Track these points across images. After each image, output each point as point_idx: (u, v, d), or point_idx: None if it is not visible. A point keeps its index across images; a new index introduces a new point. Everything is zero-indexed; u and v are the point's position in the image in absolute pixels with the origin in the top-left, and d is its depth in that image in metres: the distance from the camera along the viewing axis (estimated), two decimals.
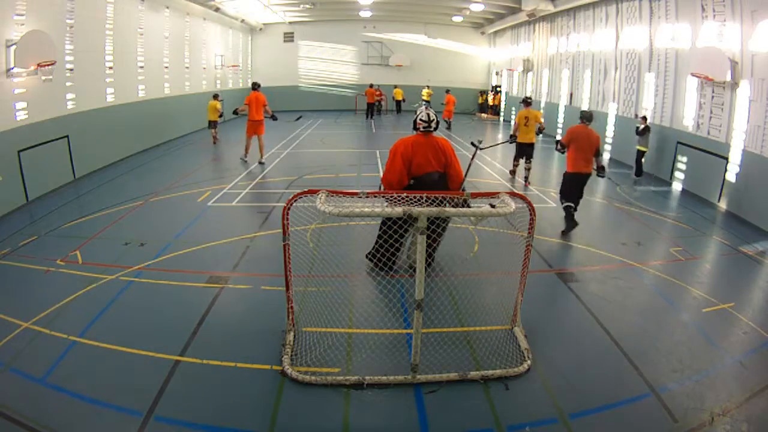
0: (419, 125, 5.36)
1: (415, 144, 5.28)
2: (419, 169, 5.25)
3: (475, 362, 3.99)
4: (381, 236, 5.14)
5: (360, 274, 5.56)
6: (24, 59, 7.92)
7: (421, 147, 5.27)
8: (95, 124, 10.54)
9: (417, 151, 5.25)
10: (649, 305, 5.14)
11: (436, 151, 5.32)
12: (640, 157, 10.95)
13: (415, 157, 5.24)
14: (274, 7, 20.14)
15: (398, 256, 5.37)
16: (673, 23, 10.61)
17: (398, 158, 5.23)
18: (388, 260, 5.12)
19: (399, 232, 4.67)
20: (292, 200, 3.89)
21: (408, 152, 5.24)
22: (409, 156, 5.24)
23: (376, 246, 5.35)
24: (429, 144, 5.31)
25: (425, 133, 5.35)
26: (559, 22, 17.10)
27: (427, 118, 5.34)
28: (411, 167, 5.25)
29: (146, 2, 13.13)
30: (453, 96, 18.86)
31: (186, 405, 3.46)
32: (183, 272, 5.56)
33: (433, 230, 5.15)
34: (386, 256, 5.07)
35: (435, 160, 5.29)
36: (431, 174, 5.27)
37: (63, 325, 4.40)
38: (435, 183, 5.24)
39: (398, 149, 5.28)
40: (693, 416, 3.44)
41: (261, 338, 4.25)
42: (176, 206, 8.20)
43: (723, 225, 8.03)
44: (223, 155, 13.04)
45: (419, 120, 5.36)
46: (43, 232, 6.80)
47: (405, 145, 5.29)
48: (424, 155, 5.25)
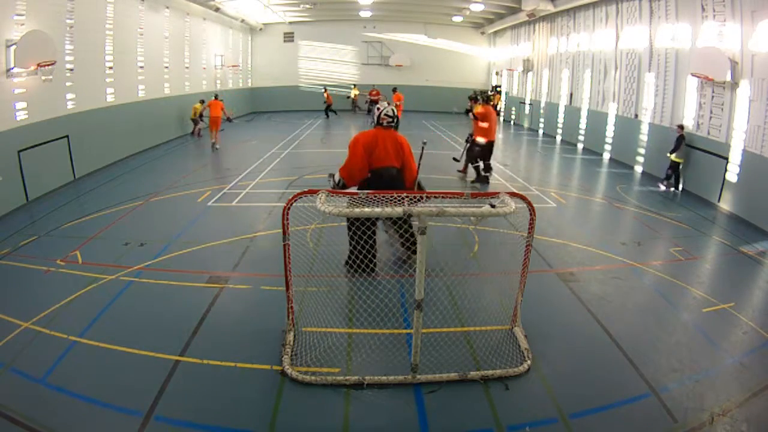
0: (383, 120, 5.43)
1: (377, 136, 5.35)
2: (379, 161, 5.29)
3: (475, 362, 3.99)
4: (352, 240, 5.13)
5: (360, 274, 5.56)
6: (24, 59, 7.92)
7: (382, 140, 5.33)
8: (95, 124, 10.54)
9: (378, 143, 5.31)
10: (649, 305, 5.15)
11: (396, 147, 5.39)
12: (677, 170, 9.97)
13: (376, 149, 5.28)
14: (274, 7, 20.14)
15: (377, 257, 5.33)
16: (673, 23, 10.62)
17: (359, 148, 5.24)
18: (368, 262, 5.11)
19: (367, 233, 4.75)
20: (292, 200, 3.89)
21: (370, 143, 5.28)
22: (370, 147, 5.27)
23: (350, 251, 5.29)
24: (390, 138, 5.39)
25: (387, 128, 5.41)
26: (559, 22, 17.10)
27: (392, 113, 5.45)
28: (371, 159, 5.28)
29: (146, 2, 13.13)
30: (401, 93, 18.68)
31: (186, 405, 3.46)
32: (183, 272, 5.55)
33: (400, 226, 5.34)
34: (363, 258, 5.05)
35: (394, 154, 5.37)
36: (389, 168, 5.31)
37: (63, 325, 4.40)
38: (393, 178, 5.28)
39: (359, 140, 5.31)
40: (693, 416, 3.44)
41: (261, 338, 4.25)
42: (176, 206, 8.20)
43: (723, 225, 8.04)
44: (223, 155, 13.03)
45: (384, 115, 5.43)
46: (43, 232, 6.80)
47: (366, 137, 5.34)
48: (384, 148, 5.31)
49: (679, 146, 9.73)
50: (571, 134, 16.26)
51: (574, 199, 9.36)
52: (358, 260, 5.09)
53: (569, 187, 10.39)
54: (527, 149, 15.99)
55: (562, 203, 8.91)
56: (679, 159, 9.85)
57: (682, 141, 9.73)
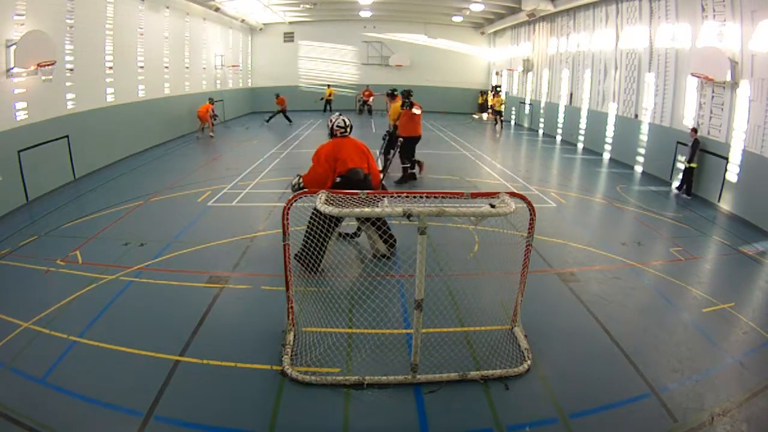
0: (336, 131, 5.68)
1: (336, 144, 5.57)
2: (344, 165, 5.44)
3: (475, 362, 3.99)
4: (307, 236, 5.19)
5: (360, 274, 5.56)
6: (24, 59, 7.92)
7: (343, 146, 5.56)
8: (95, 124, 10.54)
9: (341, 149, 5.51)
10: (649, 305, 5.15)
11: (358, 150, 5.61)
12: (690, 176, 9.53)
13: (340, 154, 5.46)
14: (274, 7, 20.14)
15: (324, 257, 5.38)
16: (673, 23, 10.62)
17: (321, 159, 5.47)
18: (315, 261, 5.19)
19: (324, 232, 4.90)
20: (292, 200, 3.89)
21: (331, 152, 5.49)
22: (333, 155, 5.46)
23: (302, 245, 5.30)
24: (350, 143, 5.63)
25: (342, 137, 5.67)
26: (559, 22, 17.10)
27: (344, 124, 5.70)
28: (336, 165, 5.45)
29: (146, 2, 13.13)
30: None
31: (186, 405, 3.46)
32: (183, 272, 5.56)
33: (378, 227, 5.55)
34: (313, 256, 5.12)
35: (358, 157, 5.55)
36: (357, 170, 5.46)
37: (63, 325, 4.39)
38: (362, 180, 5.40)
39: (321, 152, 5.52)
40: (693, 416, 3.44)
41: (261, 338, 4.25)
42: (176, 206, 8.20)
43: (723, 225, 8.04)
44: (224, 155, 13.03)
45: (336, 126, 5.69)
46: (43, 232, 6.80)
47: (327, 147, 5.55)
48: (348, 152, 5.50)
49: (696, 152, 9.33)
50: (571, 134, 16.26)
51: (574, 199, 9.36)
52: (309, 257, 5.14)
53: (569, 187, 10.39)
54: (527, 149, 15.99)
55: (562, 203, 8.91)
56: (694, 165, 9.46)
57: (698, 145, 9.34)
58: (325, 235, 5.10)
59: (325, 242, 5.24)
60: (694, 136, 9.36)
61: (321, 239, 5.08)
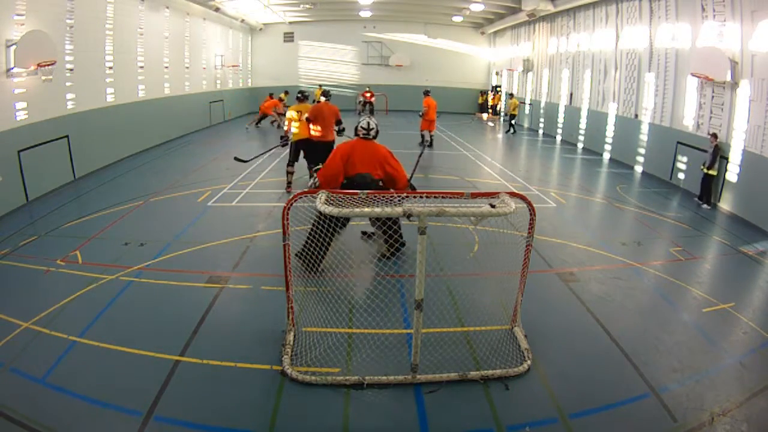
0: (359, 131, 5.80)
1: (354, 146, 5.69)
2: (352, 168, 5.56)
3: (475, 362, 3.99)
4: (310, 235, 5.22)
5: (360, 274, 5.56)
6: (24, 59, 7.91)
7: (359, 149, 5.66)
8: (95, 124, 10.53)
9: (355, 152, 5.63)
10: (649, 305, 5.15)
11: (372, 156, 5.66)
12: (710, 183, 9.02)
13: (352, 157, 5.59)
14: (274, 7, 20.13)
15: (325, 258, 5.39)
16: (673, 23, 10.62)
17: (337, 157, 5.62)
18: (316, 260, 5.20)
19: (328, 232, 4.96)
20: (292, 200, 3.89)
21: (346, 152, 5.62)
22: (346, 155, 5.60)
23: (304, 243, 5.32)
24: (367, 148, 5.69)
25: (364, 139, 5.76)
26: (559, 22, 17.10)
27: (367, 126, 5.78)
28: (346, 167, 5.58)
29: (146, 2, 13.12)
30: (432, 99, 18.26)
31: (186, 405, 3.46)
32: (183, 272, 5.56)
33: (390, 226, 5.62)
34: (314, 255, 5.13)
35: (369, 163, 5.62)
36: (364, 175, 5.55)
37: (63, 325, 4.39)
38: (366, 184, 5.42)
39: (339, 149, 5.71)
40: (693, 416, 3.45)
41: (261, 338, 4.25)
42: (176, 206, 8.20)
43: (723, 225, 8.04)
44: (224, 155, 13.02)
45: (360, 127, 5.81)
46: (43, 232, 6.80)
47: (345, 146, 5.71)
48: (360, 157, 5.61)
49: (716, 158, 8.84)
50: (571, 134, 16.26)
51: (574, 199, 9.36)
52: (310, 257, 5.15)
53: (569, 187, 10.39)
54: (527, 149, 15.99)
55: (562, 203, 8.91)
56: (713, 172, 8.93)
57: (719, 152, 8.82)
58: (329, 235, 5.12)
59: (328, 242, 5.27)
60: (714, 142, 8.82)
61: (324, 239, 5.10)
